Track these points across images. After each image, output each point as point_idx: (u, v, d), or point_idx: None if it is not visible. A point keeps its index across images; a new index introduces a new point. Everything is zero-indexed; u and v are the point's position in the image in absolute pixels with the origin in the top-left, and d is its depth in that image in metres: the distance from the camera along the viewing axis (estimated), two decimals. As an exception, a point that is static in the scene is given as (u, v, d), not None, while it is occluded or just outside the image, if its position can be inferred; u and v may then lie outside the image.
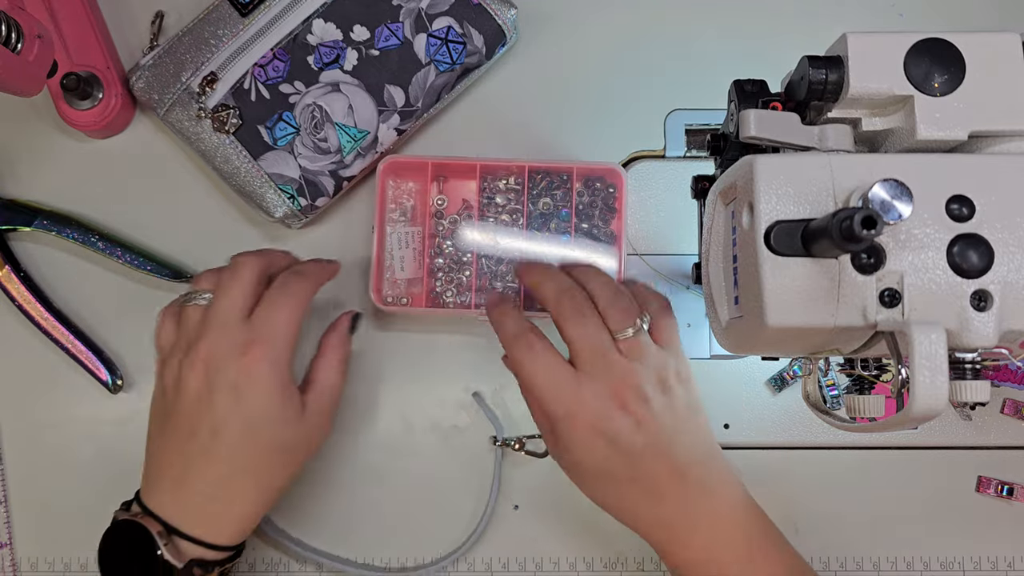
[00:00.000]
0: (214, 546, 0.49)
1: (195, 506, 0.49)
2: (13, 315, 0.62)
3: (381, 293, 0.61)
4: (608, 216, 0.62)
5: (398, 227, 0.61)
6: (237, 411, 0.48)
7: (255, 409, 0.49)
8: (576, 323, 0.49)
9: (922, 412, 0.37)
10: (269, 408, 0.49)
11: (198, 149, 0.60)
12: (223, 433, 0.49)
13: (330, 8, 0.60)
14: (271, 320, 0.50)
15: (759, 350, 0.50)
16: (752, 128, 0.43)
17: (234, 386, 0.48)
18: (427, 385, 0.62)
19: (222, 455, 0.49)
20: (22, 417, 0.62)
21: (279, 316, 0.50)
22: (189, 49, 0.60)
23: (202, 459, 0.49)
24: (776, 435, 0.62)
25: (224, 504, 0.50)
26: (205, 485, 0.49)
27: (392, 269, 0.61)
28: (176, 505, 0.49)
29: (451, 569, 0.61)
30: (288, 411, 0.50)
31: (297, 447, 0.51)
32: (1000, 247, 0.40)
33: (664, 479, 0.49)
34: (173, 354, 0.51)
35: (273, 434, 0.50)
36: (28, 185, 0.63)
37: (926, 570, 0.61)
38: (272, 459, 0.50)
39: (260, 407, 0.49)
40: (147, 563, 0.48)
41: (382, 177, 0.60)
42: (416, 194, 0.62)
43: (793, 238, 0.39)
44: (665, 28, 0.65)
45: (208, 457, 0.49)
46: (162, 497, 0.49)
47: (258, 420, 0.49)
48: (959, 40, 0.42)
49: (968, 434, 0.62)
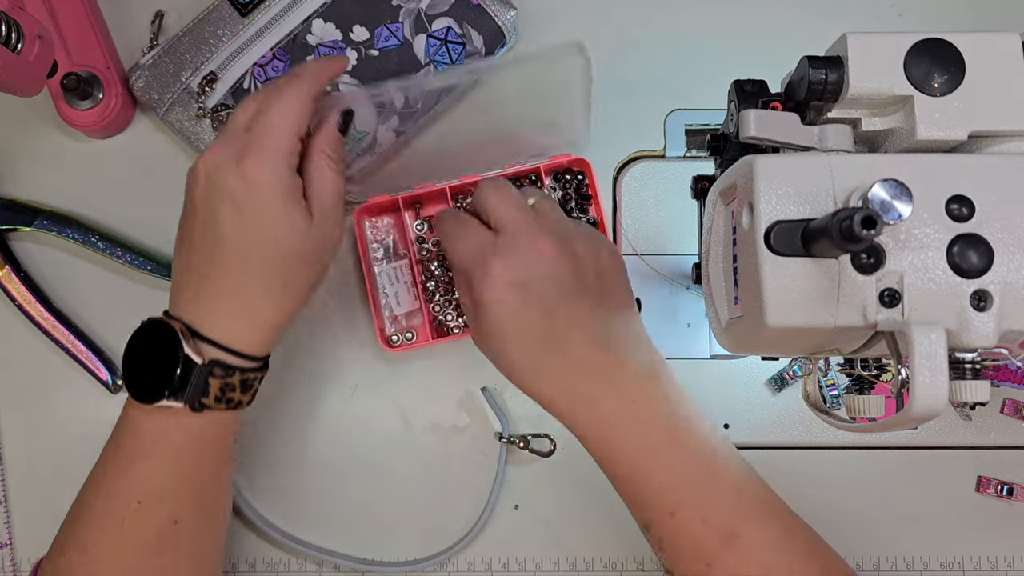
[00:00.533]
0: (236, 352, 0.49)
1: (214, 313, 0.48)
2: (13, 315, 0.62)
3: (385, 334, 0.61)
4: (585, 205, 0.62)
5: (384, 265, 0.61)
6: (240, 220, 0.47)
7: (258, 218, 0.47)
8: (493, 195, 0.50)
9: (922, 412, 0.37)
10: (272, 215, 0.47)
11: (197, 149, 0.60)
12: (228, 243, 0.48)
13: (330, 8, 0.60)
14: (263, 124, 0.47)
15: (759, 350, 0.50)
16: (752, 128, 0.43)
17: (233, 194, 0.47)
18: (427, 385, 0.62)
19: (232, 265, 0.48)
20: (22, 417, 0.62)
21: (271, 119, 0.47)
22: (189, 49, 0.60)
23: (214, 269, 0.48)
24: (776, 435, 0.62)
25: (243, 312, 0.49)
26: (221, 294, 0.48)
27: (389, 307, 0.61)
28: (196, 312, 0.48)
29: (451, 568, 0.61)
30: (293, 217, 0.48)
31: (310, 252, 0.49)
32: (1000, 247, 0.40)
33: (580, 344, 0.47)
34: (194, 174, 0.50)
35: (282, 242, 0.48)
36: (28, 185, 0.63)
37: (926, 570, 0.61)
38: (287, 266, 0.49)
39: (263, 215, 0.47)
40: (170, 359, 0.47)
41: (358, 221, 0.61)
42: (394, 227, 0.62)
43: (793, 238, 0.39)
44: (665, 28, 0.65)
45: (218, 267, 0.48)
46: (184, 307, 0.49)
47: (263, 229, 0.47)
48: (959, 40, 0.42)
49: (968, 434, 0.62)
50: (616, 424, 0.47)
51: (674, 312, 0.62)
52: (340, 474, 0.62)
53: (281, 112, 0.48)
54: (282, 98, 0.48)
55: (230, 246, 0.48)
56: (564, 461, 0.61)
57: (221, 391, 0.48)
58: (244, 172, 0.47)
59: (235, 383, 0.49)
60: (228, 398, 0.49)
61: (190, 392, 0.47)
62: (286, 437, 0.62)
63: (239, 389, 0.49)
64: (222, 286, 0.48)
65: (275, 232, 0.48)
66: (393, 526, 0.61)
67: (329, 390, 0.62)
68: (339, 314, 0.63)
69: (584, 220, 0.62)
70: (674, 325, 0.62)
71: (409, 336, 0.61)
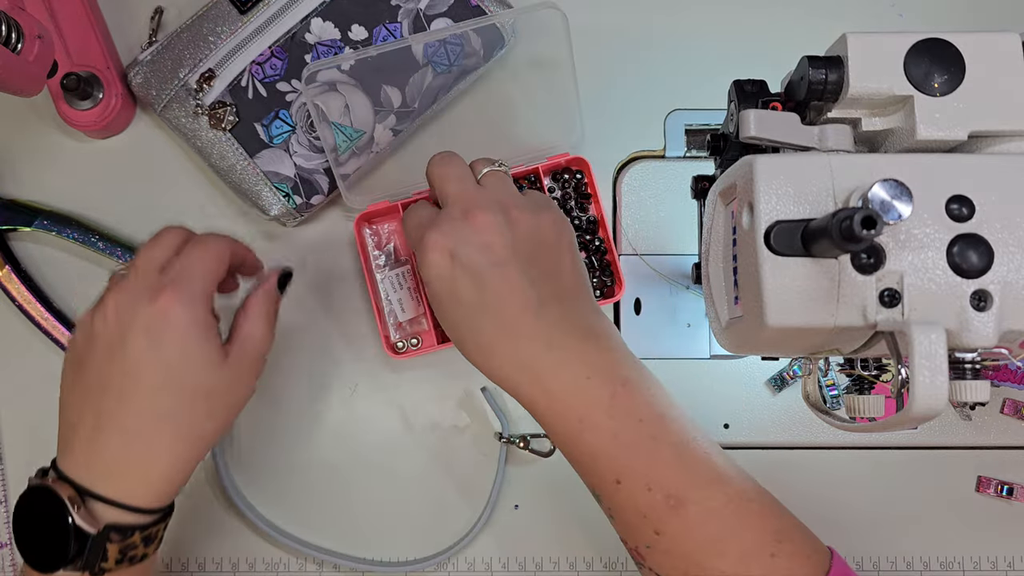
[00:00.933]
0: (135, 508, 0.46)
1: (110, 462, 0.46)
2: (13, 315, 0.62)
3: (390, 341, 0.61)
4: (585, 204, 0.62)
5: (387, 271, 0.61)
6: (151, 354, 0.46)
7: (170, 349, 0.46)
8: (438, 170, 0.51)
9: (922, 412, 0.37)
10: (186, 347, 0.46)
11: (195, 146, 0.60)
12: (137, 378, 0.46)
13: (329, 7, 0.60)
14: (184, 266, 0.47)
15: (759, 350, 0.50)
16: (752, 128, 0.43)
17: (147, 329, 0.46)
18: (427, 385, 0.62)
19: (137, 402, 0.46)
20: (22, 417, 0.62)
21: (193, 263, 0.48)
22: (187, 46, 0.60)
23: (116, 409, 0.46)
24: (776, 435, 0.62)
25: (142, 457, 0.46)
26: (120, 438, 0.46)
27: (393, 314, 0.61)
28: (89, 465, 0.46)
29: (451, 568, 0.61)
30: (207, 352, 0.47)
31: (218, 393, 0.48)
32: (1000, 247, 0.40)
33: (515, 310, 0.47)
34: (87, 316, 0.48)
35: (192, 376, 0.46)
36: (28, 185, 0.63)
37: (926, 570, 0.61)
38: (194, 404, 0.47)
39: (176, 347, 0.46)
40: (60, 531, 0.44)
41: (358, 228, 0.61)
42: (395, 233, 0.62)
43: (793, 238, 0.39)
44: (665, 28, 0.65)
45: (122, 405, 0.46)
46: (75, 458, 0.46)
47: (174, 360, 0.46)
48: (959, 40, 0.42)
49: (968, 434, 0.62)
50: (556, 392, 0.47)
51: (674, 312, 0.62)
52: (340, 474, 0.62)
53: (202, 259, 0.48)
54: (206, 247, 0.48)
55: (140, 379, 0.46)
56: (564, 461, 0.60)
57: (121, 553, 0.46)
58: (160, 307, 0.46)
59: (136, 542, 0.46)
60: (131, 556, 0.47)
61: (87, 560, 0.45)
62: (286, 437, 0.62)
63: (141, 545, 0.47)
64: (123, 429, 0.46)
65: (188, 365, 0.46)
66: (393, 526, 0.61)
67: (330, 391, 0.62)
68: (341, 319, 0.63)
69: (584, 219, 0.62)
70: (674, 325, 0.62)
71: (414, 342, 0.61)
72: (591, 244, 0.62)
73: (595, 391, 0.47)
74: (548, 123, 0.63)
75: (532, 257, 0.48)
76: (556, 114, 0.63)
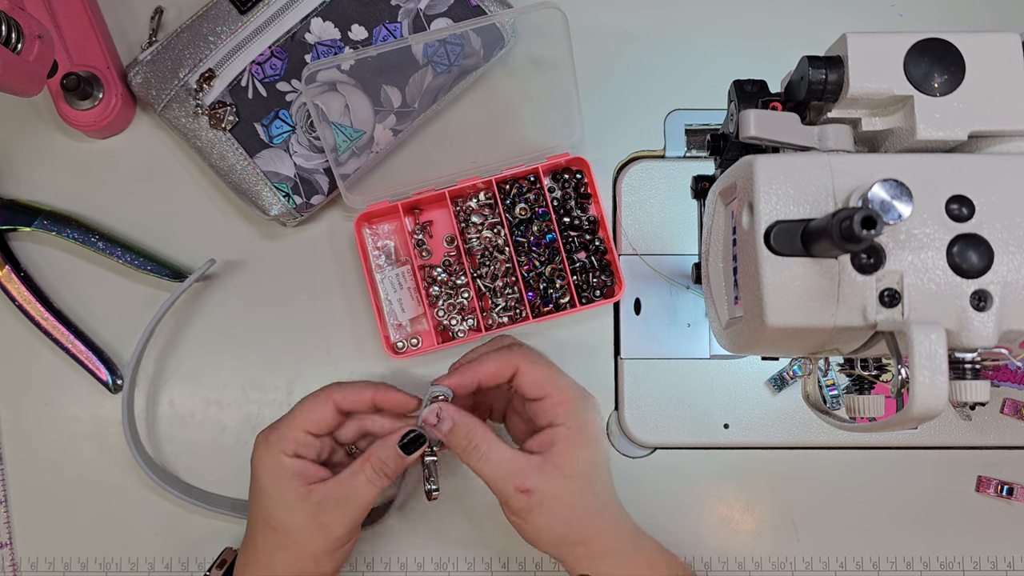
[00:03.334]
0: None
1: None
2: (13, 315, 0.62)
3: (391, 341, 0.61)
4: (585, 204, 0.62)
5: (387, 271, 0.61)
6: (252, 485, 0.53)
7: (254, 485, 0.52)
8: None
9: (922, 412, 0.37)
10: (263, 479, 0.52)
11: (195, 146, 0.60)
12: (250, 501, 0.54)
13: (329, 7, 0.60)
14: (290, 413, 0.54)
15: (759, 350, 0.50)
16: (752, 128, 0.43)
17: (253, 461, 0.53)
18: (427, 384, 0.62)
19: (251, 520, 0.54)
20: (22, 417, 0.62)
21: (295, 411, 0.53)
22: (187, 45, 0.60)
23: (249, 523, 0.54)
24: (776, 435, 0.62)
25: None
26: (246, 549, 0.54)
27: (393, 314, 0.61)
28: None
29: (451, 568, 0.61)
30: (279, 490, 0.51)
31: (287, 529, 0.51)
32: (1000, 247, 0.40)
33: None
34: None
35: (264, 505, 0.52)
36: (28, 185, 0.63)
37: (926, 570, 0.61)
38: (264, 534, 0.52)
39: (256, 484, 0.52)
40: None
41: (358, 228, 0.61)
42: (394, 233, 0.62)
43: (793, 238, 0.39)
44: (665, 28, 0.65)
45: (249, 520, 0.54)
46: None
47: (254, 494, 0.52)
48: (959, 40, 0.42)
49: (968, 434, 0.62)
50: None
51: (674, 312, 0.62)
52: (340, 474, 0.62)
53: (303, 408, 0.53)
54: (314, 396, 0.53)
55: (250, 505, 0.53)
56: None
57: None
58: (256, 446, 0.53)
59: None
60: None
61: None
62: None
63: None
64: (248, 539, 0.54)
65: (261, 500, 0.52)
66: (393, 525, 0.61)
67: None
68: (342, 319, 0.63)
69: (584, 219, 0.62)
70: (674, 325, 0.62)
71: (414, 342, 0.61)
72: (591, 244, 0.62)
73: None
74: (548, 123, 0.63)
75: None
76: (556, 114, 0.62)
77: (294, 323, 0.63)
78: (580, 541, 0.51)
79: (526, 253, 0.61)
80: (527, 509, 0.50)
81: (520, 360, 0.52)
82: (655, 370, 0.62)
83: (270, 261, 0.63)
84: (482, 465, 0.51)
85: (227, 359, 0.62)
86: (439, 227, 0.63)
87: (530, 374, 0.52)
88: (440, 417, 0.51)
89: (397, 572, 0.61)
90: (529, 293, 0.61)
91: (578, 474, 0.51)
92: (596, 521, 0.52)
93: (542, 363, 0.53)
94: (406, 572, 0.61)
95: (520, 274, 0.61)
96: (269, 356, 0.62)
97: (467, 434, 0.51)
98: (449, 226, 0.62)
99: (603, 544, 0.51)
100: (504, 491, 0.50)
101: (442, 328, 0.61)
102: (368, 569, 0.61)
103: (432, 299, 0.61)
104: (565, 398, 0.52)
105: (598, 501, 0.52)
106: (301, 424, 0.52)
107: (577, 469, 0.51)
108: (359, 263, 0.62)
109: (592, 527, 0.51)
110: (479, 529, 0.61)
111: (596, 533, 0.51)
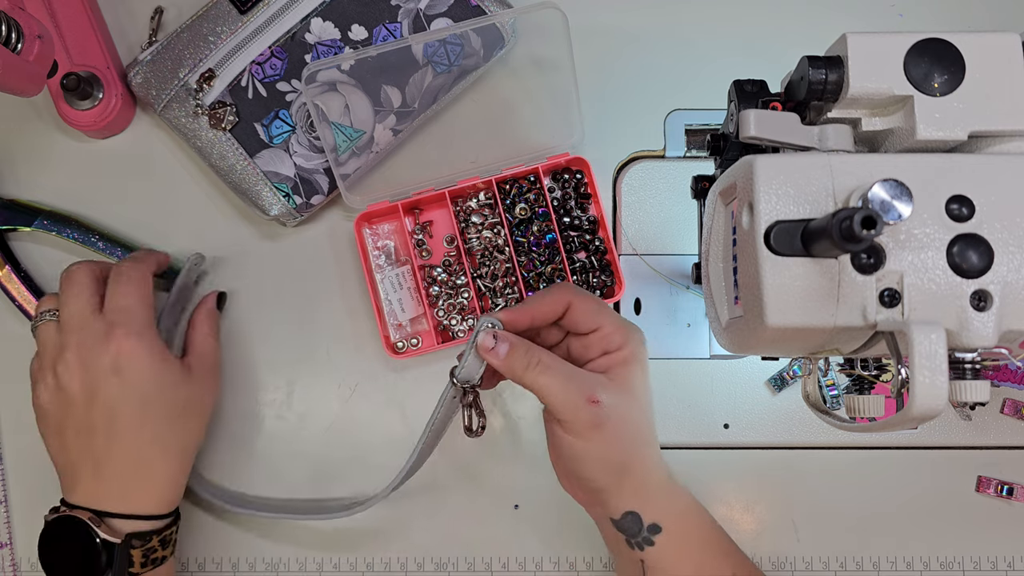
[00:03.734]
0: (147, 516, 0.53)
1: (115, 489, 0.52)
2: (13, 315, 0.62)
3: (390, 341, 0.61)
4: (585, 204, 0.62)
5: (387, 271, 0.61)
6: (125, 389, 0.52)
7: (140, 380, 0.52)
8: None
9: (922, 412, 0.37)
10: (153, 375, 0.53)
11: (195, 146, 0.60)
12: (120, 414, 0.52)
13: (329, 7, 0.60)
14: (121, 303, 0.53)
15: (759, 350, 0.50)
16: (752, 128, 0.43)
17: (113, 369, 0.52)
18: (427, 384, 0.62)
19: (127, 435, 0.52)
20: (22, 417, 0.62)
21: (127, 298, 0.54)
22: (187, 45, 0.60)
23: (110, 446, 0.52)
24: (776, 435, 0.62)
25: (143, 480, 0.53)
26: (119, 470, 0.52)
27: (393, 314, 0.61)
28: (98, 495, 0.52)
29: (451, 568, 0.61)
30: (172, 374, 0.54)
31: (191, 405, 0.55)
32: (1000, 247, 0.40)
33: None
34: (43, 371, 0.54)
35: (166, 398, 0.53)
36: (28, 185, 0.63)
37: (926, 570, 0.61)
38: (173, 423, 0.54)
39: (144, 377, 0.53)
40: (87, 549, 0.51)
41: (358, 228, 0.61)
42: (394, 233, 0.62)
43: (793, 238, 0.39)
44: (665, 28, 0.65)
45: (115, 442, 0.52)
46: (83, 493, 0.53)
47: (147, 389, 0.53)
48: (959, 40, 0.42)
49: (968, 434, 0.62)
50: None
51: (674, 312, 0.62)
52: (341, 474, 0.62)
53: (133, 291, 0.54)
54: (130, 281, 0.54)
55: (122, 416, 0.52)
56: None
57: (145, 556, 0.53)
58: (116, 347, 0.52)
59: (155, 545, 0.53)
60: (153, 559, 0.53)
61: (117, 569, 0.51)
62: (287, 438, 0.62)
63: (160, 548, 0.54)
64: (119, 462, 0.52)
65: (158, 390, 0.53)
66: (393, 525, 0.61)
67: (330, 391, 0.62)
68: (342, 319, 0.63)
69: (584, 219, 0.62)
70: (674, 325, 0.62)
71: (414, 342, 0.61)
72: (591, 244, 0.62)
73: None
74: (548, 123, 0.63)
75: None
76: (556, 114, 0.63)
77: (294, 323, 0.63)
78: (631, 470, 0.49)
79: (526, 253, 0.61)
80: (594, 424, 0.47)
81: (572, 296, 0.50)
82: (655, 370, 0.62)
83: (270, 261, 0.63)
84: (547, 378, 0.47)
85: (227, 359, 0.62)
86: (439, 227, 0.63)
87: (583, 307, 0.50)
88: (497, 338, 0.48)
89: (397, 572, 0.61)
90: (529, 293, 0.61)
91: (642, 395, 0.49)
92: (650, 451, 0.50)
93: (594, 298, 0.51)
94: (406, 572, 0.61)
95: (520, 274, 0.61)
96: (269, 356, 0.62)
97: (526, 351, 0.47)
98: (449, 226, 0.62)
99: (651, 477, 0.50)
100: (572, 404, 0.46)
101: (442, 328, 0.61)
102: (368, 569, 0.61)
103: (432, 299, 0.61)
104: (619, 328, 0.50)
105: (652, 431, 0.50)
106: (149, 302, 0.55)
107: (640, 390, 0.49)
108: (359, 263, 0.62)
109: (647, 456, 0.49)
110: (480, 529, 0.61)
111: (646, 465, 0.49)
